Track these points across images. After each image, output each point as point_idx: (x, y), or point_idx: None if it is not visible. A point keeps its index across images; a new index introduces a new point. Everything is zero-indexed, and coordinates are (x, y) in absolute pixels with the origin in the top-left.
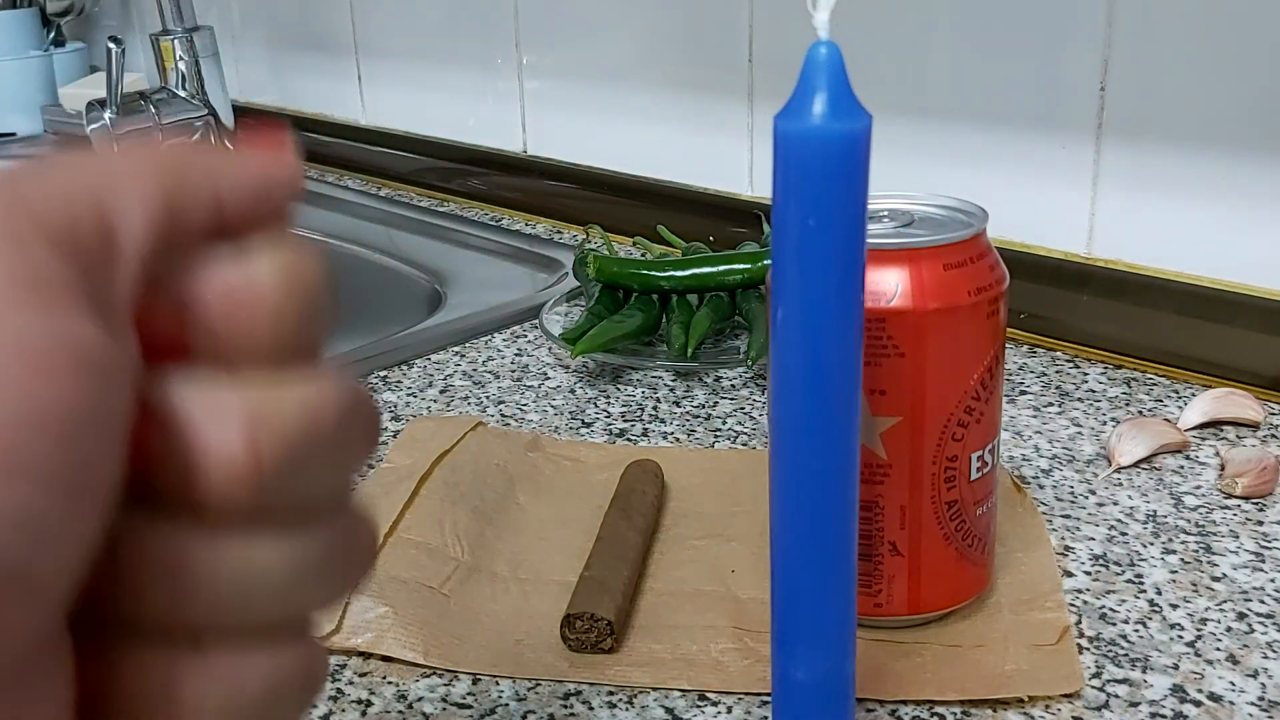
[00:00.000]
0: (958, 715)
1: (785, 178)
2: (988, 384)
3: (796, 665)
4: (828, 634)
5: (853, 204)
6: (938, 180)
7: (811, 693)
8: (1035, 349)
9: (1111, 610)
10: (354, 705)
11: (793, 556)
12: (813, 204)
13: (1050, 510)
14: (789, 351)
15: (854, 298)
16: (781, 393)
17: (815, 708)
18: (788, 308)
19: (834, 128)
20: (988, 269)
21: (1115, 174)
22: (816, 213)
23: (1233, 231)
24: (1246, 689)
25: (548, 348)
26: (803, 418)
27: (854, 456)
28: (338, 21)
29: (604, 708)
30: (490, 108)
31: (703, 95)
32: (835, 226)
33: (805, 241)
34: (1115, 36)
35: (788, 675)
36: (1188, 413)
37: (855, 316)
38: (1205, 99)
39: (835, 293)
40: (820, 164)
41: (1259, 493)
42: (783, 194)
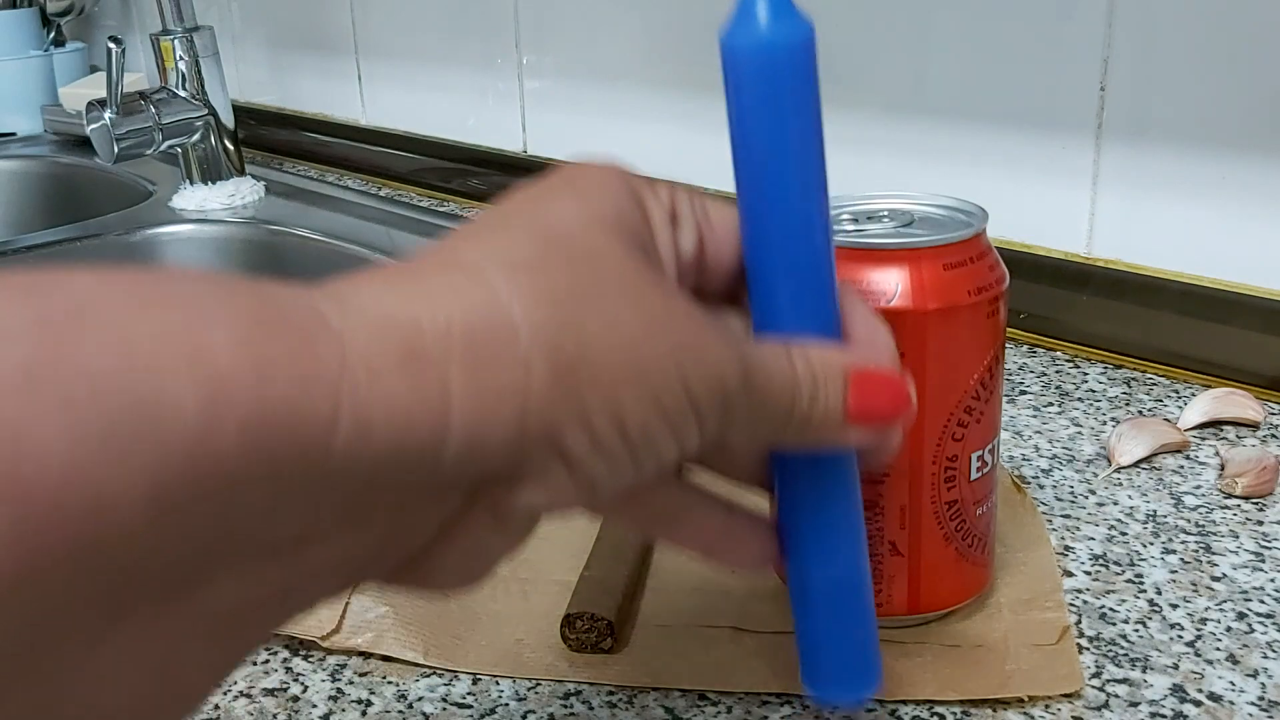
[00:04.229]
0: (958, 715)
1: (738, 91)
2: (988, 384)
3: (812, 568)
4: (839, 534)
5: (807, 101)
6: (938, 180)
7: (830, 594)
8: (1035, 349)
9: (1111, 610)
10: (354, 705)
11: (794, 462)
12: (770, 110)
13: (1050, 510)
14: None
15: (821, 196)
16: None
17: (836, 607)
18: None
19: (780, 34)
20: (988, 269)
21: (1115, 174)
22: (775, 115)
23: (1233, 231)
24: (1246, 689)
25: None
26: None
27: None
28: (338, 21)
29: (604, 708)
30: (490, 108)
31: (703, 95)
32: (793, 131)
33: (767, 145)
34: (1115, 36)
35: (806, 579)
36: (1188, 413)
37: (824, 206)
38: (1205, 99)
39: (801, 195)
40: (770, 73)
41: (1259, 493)
42: (738, 105)
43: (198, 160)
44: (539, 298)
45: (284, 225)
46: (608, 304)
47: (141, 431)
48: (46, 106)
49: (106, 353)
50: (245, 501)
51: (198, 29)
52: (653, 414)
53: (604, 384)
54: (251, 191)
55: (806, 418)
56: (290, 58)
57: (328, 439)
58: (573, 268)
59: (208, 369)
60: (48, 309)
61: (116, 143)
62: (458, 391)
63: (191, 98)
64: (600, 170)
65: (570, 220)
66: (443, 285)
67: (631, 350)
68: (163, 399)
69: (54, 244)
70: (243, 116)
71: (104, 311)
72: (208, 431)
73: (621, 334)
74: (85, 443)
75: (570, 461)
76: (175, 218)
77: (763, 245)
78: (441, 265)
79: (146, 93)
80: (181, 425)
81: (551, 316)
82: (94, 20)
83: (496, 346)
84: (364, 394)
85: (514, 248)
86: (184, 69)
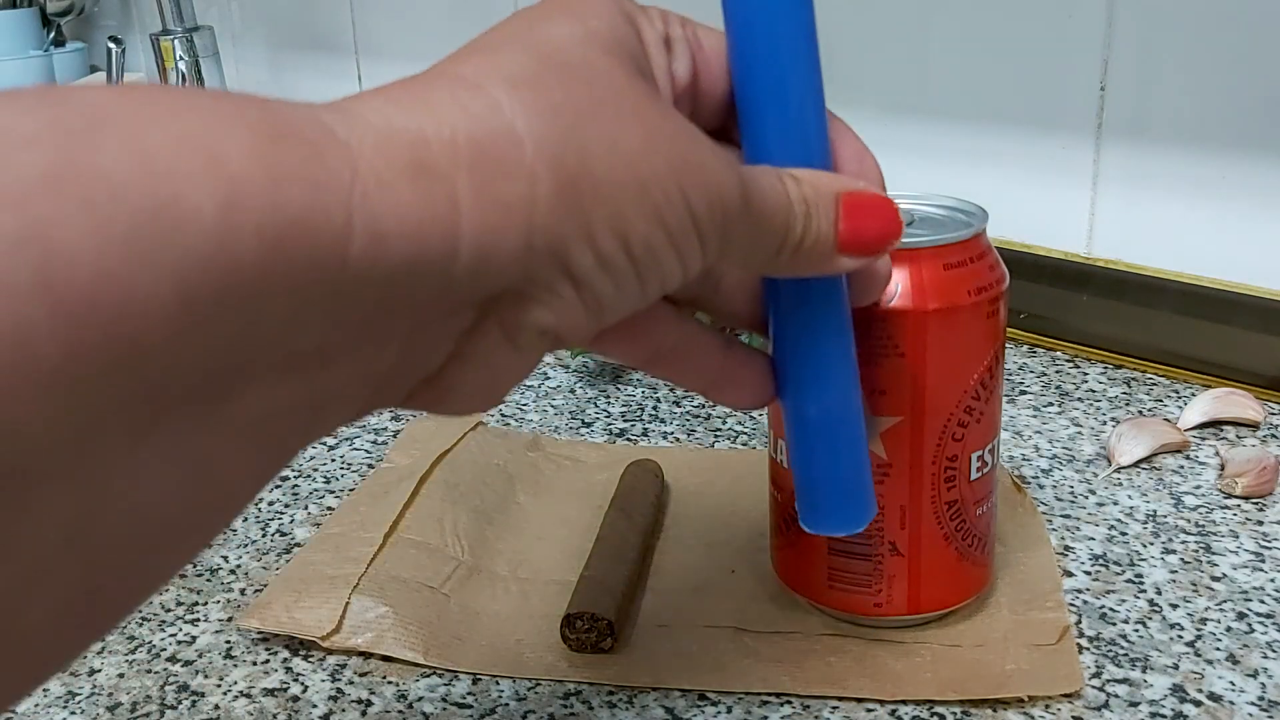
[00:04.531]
0: (958, 715)
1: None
2: (988, 384)
3: (807, 402)
4: (832, 367)
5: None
6: (938, 180)
7: (825, 426)
8: (1035, 349)
9: (1111, 610)
10: (354, 705)
11: (787, 296)
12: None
13: (1050, 510)
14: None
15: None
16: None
17: (830, 440)
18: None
19: None
20: (988, 269)
21: (1115, 174)
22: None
23: (1233, 231)
24: (1246, 689)
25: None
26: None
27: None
28: (338, 21)
29: (604, 708)
30: None
31: None
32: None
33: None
34: (1115, 36)
35: (801, 413)
36: (1188, 413)
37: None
38: (1205, 99)
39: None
40: None
41: (1259, 492)
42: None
43: None
44: (541, 111)
45: None
46: (607, 119)
47: (163, 234)
48: None
49: (125, 159)
50: (267, 311)
51: (198, 29)
52: (656, 229)
53: (607, 199)
54: None
55: (799, 242)
56: (290, 57)
57: (343, 249)
58: (572, 84)
59: (223, 175)
60: (65, 116)
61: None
62: (466, 202)
63: None
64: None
65: (566, 39)
66: (446, 99)
67: (633, 164)
68: (181, 203)
69: None
70: None
71: (120, 120)
72: (227, 235)
73: (622, 148)
74: (110, 244)
75: (577, 279)
76: None
77: (751, 73)
78: (443, 81)
79: None
80: (201, 229)
81: (554, 129)
82: (94, 20)
83: (502, 157)
84: (375, 205)
85: (514, 65)
86: (184, 69)
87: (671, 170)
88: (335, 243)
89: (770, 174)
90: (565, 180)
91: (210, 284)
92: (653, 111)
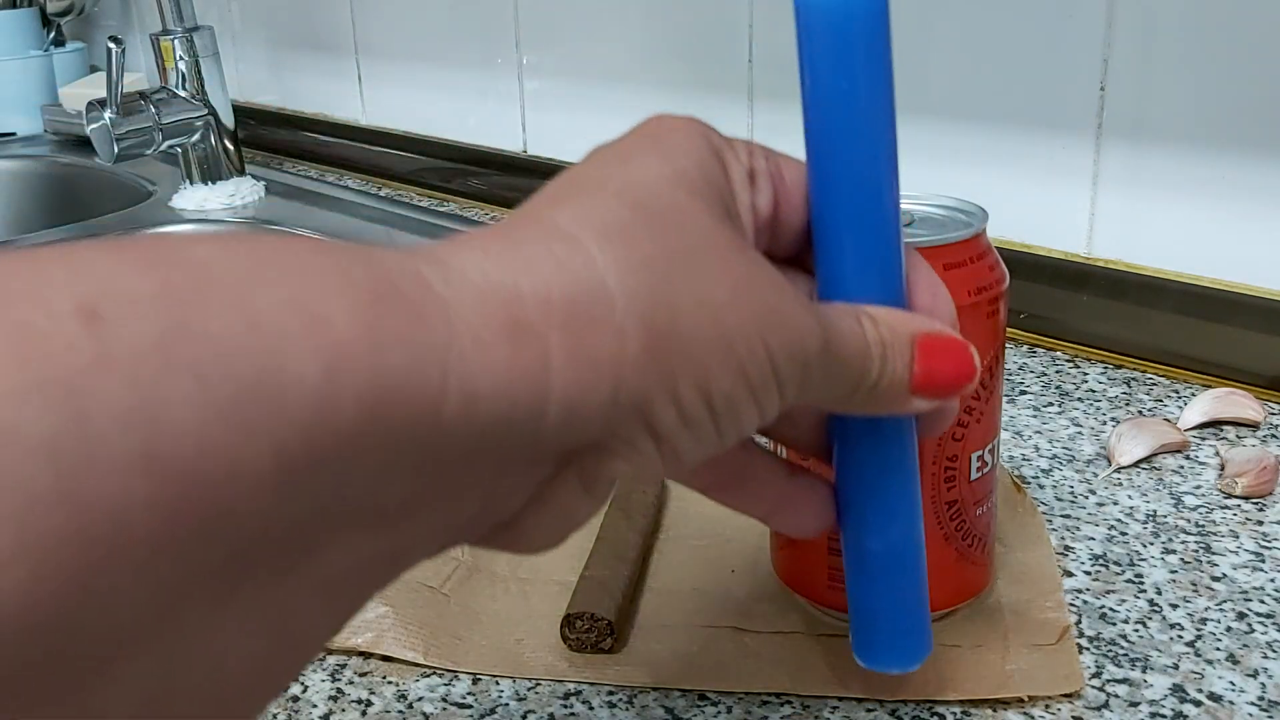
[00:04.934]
0: (958, 715)
1: (810, 39)
2: (988, 384)
3: (869, 535)
4: (897, 502)
5: (881, 54)
6: (938, 180)
7: (887, 561)
8: (1035, 349)
9: (1111, 610)
10: (354, 705)
11: (854, 429)
12: (843, 62)
13: (1050, 510)
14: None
15: (891, 157)
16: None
17: (891, 575)
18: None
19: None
20: (988, 269)
21: (1115, 174)
22: (848, 76)
23: (1233, 231)
24: (1246, 689)
25: None
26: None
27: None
28: (338, 21)
29: (604, 708)
30: (490, 108)
31: (703, 95)
32: (867, 87)
33: (840, 106)
34: (1115, 36)
35: (862, 546)
36: (1188, 412)
37: (893, 168)
38: (1205, 99)
39: (871, 152)
40: (845, 21)
41: (1259, 493)
42: (810, 57)
43: (198, 160)
44: (632, 265)
45: (284, 225)
46: (696, 271)
47: (266, 403)
48: (46, 106)
49: (233, 324)
50: (358, 471)
51: (198, 29)
52: (739, 383)
53: (692, 355)
54: (251, 191)
55: (874, 384)
56: (290, 58)
57: (437, 409)
58: (662, 233)
59: (327, 339)
60: (173, 279)
61: (116, 143)
62: (557, 361)
63: (191, 98)
64: (682, 126)
65: (656, 181)
66: (541, 252)
67: (718, 319)
68: (285, 369)
69: (54, 244)
70: (243, 116)
71: (227, 282)
72: (327, 403)
73: (709, 302)
74: (215, 414)
75: (658, 433)
76: (175, 218)
77: (831, 207)
78: (537, 231)
79: (146, 93)
80: (303, 397)
81: (644, 285)
82: (94, 20)
83: (594, 315)
84: (470, 363)
85: (605, 212)
86: (184, 69)
87: (756, 323)
88: (430, 404)
89: (849, 315)
90: (653, 337)
91: (307, 451)
92: (738, 260)
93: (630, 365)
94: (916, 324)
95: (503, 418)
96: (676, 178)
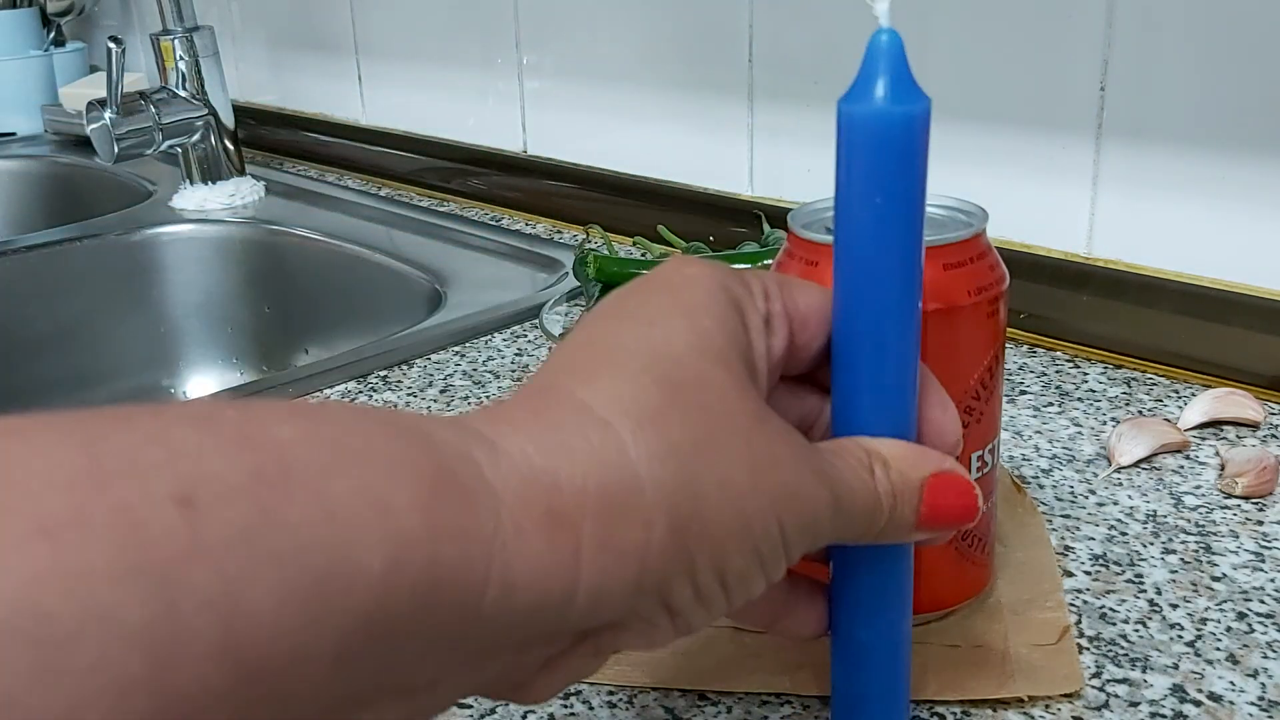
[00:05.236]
0: (958, 715)
1: (851, 159)
2: (988, 384)
3: (858, 626)
4: (889, 598)
5: (916, 181)
6: (938, 180)
7: (874, 649)
8: (1035, 349)
9: (1111, 610)
10: None
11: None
12: (879, 183)
13: (1050, 510)
14: (854, 323)
15: (917, 269)
16: (842, 363)
17: (877, 661)
18: (851, 284)
19: (897, 109)
20: (988, 269)
21: (1115, 174)
22: (883, 191)
23: (1233, 231)
24: (1246, 689)
25: (548, 348)
26: (864, 390)
27: (912, 427)
28: (338, 21)
29: (604, 707)
30: (490, 108)
31: (703, 95)
32: (900, 203)
33: (873, 219)
34: (1115, 36)
35: (852, 636)
36: (1188, 412)
37: (918, 286)
38: (1205, 99)
39: (899, 266)
40: (885, 143)
41: (1259, 493)
42: (847, 175)
43: (198, 160)
44: (662, 454)
45: (284, 225)
46: (719, 455)
47: (335, 594)
48: (46, 106)
49: (310, 513)
50: (403, 653)
51: (198, 29)
52: (751, 562)
53: (712, 539)
54: (251, 191)
55: (881, 530)
56: (290, 58)
57: (479, 598)
58: (690, 415)
59: (392, 531)
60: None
61: (116, 143)
62: (588, 551)
63: (191, 98)
64: (702, 276)
65: (684, 352)
66: (578, 440)
67: (739, 503)
68: (354, 560)
69: (54, 244)
70: (243, 116)
71: (308, 468)
72: (387, 595)
73: (730, 488)
74: (290, 603)
75: (673, 611)
76: (175, 218)
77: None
78: (573, 415)
79: (146, 93)
80: (368, 588)
81: (672, 474)
82: (94, 20)
83: (625, 505)
84: (512, 555)
85: (637, 393)
86: (184, 69)
87: (772, 505)
88: (474, 594)
89: (861, 466)
90: (678, 524)
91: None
92: (758, 436)
93: (655, 553)
94: (928, 465)
95: (536, 605)
96: (702, 346)
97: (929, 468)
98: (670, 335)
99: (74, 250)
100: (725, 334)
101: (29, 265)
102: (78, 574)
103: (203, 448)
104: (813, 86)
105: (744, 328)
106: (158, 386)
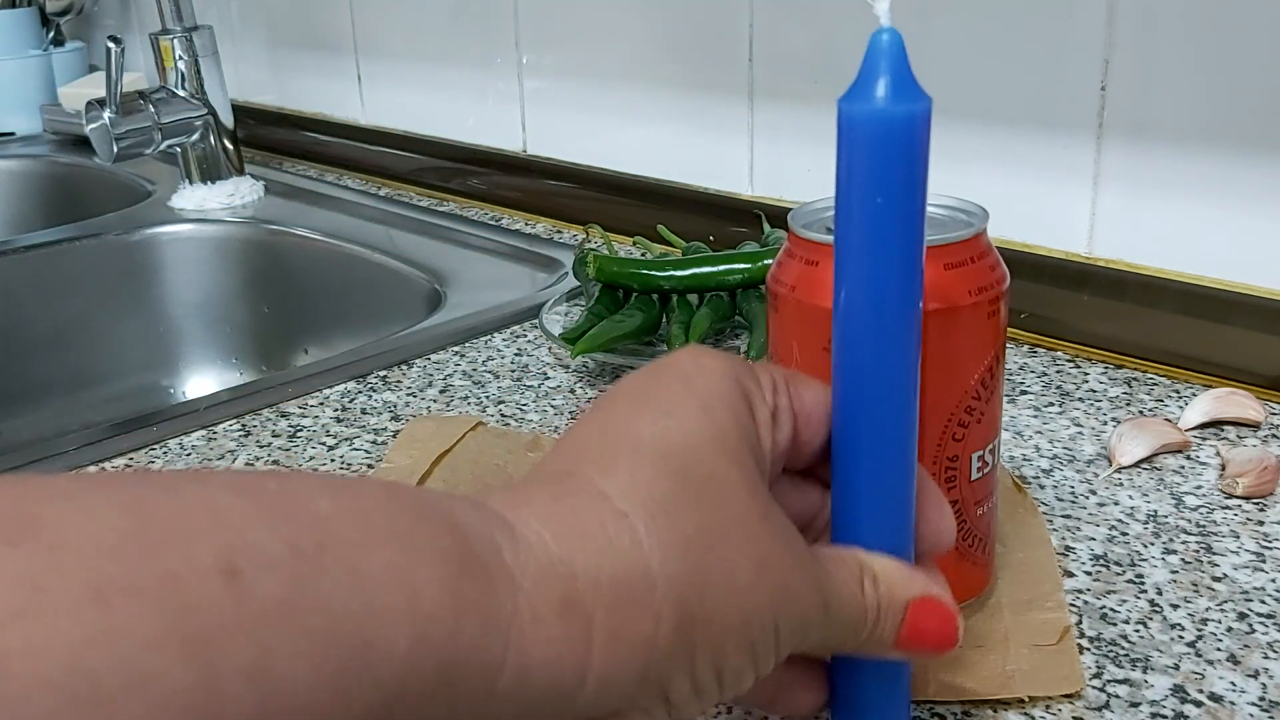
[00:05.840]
0: (958, 715)
1: (851, 158)
2: (988, 384)
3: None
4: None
5: (916, 181)
6: (938, 180)
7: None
8: (1035, 349)
9: (1112, 610)
10: None
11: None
12: (880, 183)
13: (1050, 510)
14: (854, 328)
15: (917, 270)
16: (844, 368)
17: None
18: (853, 285)
19: (898, 109)
20: (988, 269)
21: (1115, 174)
22: (884, 191)
23: (1233, 231)
24: (1247, 689)
25: (548, 348)
26: (866, 395)
27: (913, 431)
28: (338, 21)
29: None
30: (490, 108)
31: (703, 95)
32: (901, 203)
33: (873, 219)
34: (1115, 36)
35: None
36: (1188, 413)
37: (918, 289)
38: (1205, 99)
39: (899, 267)
40: (886, 143)
41: (1260, 493)
42: (848, 174)
43: (197, 160)
44: (674, 548)
45: (283, 225)
46: (727, 551)
47: (364, 671)
48: (46, 106)
49: (344, 587)
50: None
51: (197, 28)
52: (746, 659)
53: (714, 635)
54: (251, 191)
55: (862, 642)
56: (290, 57)
57: (493, 680)
58: (703, 510)
59: (419, 612)
60: (299, 537)
61: (116, 142)
62: (599, 640)
63: (191, 97)
64: (716, 369)
65: (698, 445)
66: (596, 530)
67: (741, 601)
68: (383, 639)
69: (54, 244)
70: (242, 116)
71: (343, 542)
72: (410, 674)
73: (735, 586)
74: (321, 679)
75: (671, 703)
76: (174, 217)
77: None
78: (590, 504)
79: (146, 92)
80: (392, 667)
81: (682, 569)
82: (93, 20)
83: (636, 598)
84: (527, 640)
85: (653, 485)
86: (183, 69)
87: (771, 605)
88: (489, 675)
89: (853, 579)
90: (684, 619)
91: (386, 713)
92: (763, 534)
93: (661, 645)
94: (915, 587)
95: (547, 690)
96: (716, 440)
97: (916, 590)
98: (686, 427)
99: (73, 250)
100: (738, 429)
101: (28, 265)
102: (126, 638)
103: (246, 518)
104: (813, 86)
105: (753, 421)
106: (157, 386)
